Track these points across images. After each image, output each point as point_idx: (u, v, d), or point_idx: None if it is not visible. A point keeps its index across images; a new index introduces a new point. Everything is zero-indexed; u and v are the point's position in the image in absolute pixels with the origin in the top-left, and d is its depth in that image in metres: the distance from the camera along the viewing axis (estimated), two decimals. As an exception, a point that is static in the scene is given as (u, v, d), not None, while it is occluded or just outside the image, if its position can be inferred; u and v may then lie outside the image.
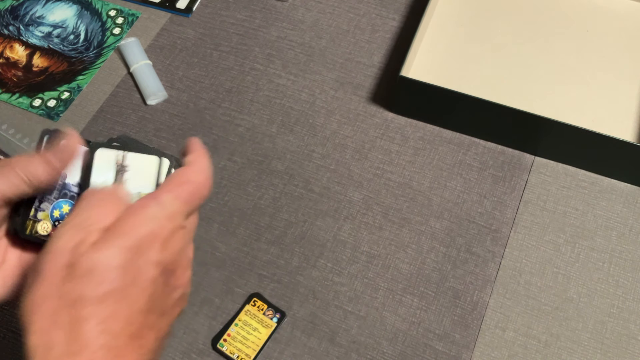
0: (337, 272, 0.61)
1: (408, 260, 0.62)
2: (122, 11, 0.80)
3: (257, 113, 0.71)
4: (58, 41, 0.78)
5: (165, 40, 0.77)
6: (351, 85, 0.73)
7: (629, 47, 0.73)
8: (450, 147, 0.68)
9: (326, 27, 0.78)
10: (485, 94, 0.66)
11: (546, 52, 0.73)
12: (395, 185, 0.66)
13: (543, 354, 0.57)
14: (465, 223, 0.63)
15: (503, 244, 0.62)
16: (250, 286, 0.61)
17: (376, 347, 0.57)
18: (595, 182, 0.65)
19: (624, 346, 0.57)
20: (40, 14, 0.80)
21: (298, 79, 0.74)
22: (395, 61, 0.74)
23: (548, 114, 0.62)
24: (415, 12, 0.78)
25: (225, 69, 0.75)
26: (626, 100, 0.69)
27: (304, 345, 0.58)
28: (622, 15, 0.76)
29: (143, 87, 0.73)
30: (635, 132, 0.67)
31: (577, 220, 0.63)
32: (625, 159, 0.62)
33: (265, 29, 0.78)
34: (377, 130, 0.70)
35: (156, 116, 0.72)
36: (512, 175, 0.66)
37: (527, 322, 0.58)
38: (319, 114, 0.71)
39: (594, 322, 0.58)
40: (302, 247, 0.63)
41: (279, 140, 0.69)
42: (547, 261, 0.61)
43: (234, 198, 0.66)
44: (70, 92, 0.74)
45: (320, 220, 0.64)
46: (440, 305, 0.59)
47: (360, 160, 0.68)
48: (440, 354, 0.57)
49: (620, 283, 0.60)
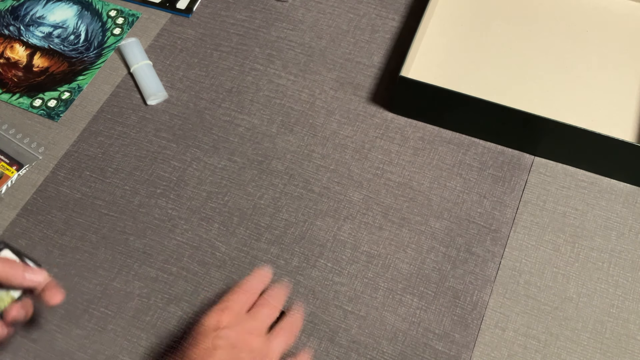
0: (337, 272, 0.61)
1: (408, 260, 0.62)
2: (123, 11, 0.80)
3: (257, 113, 0.72)
4: (58, 41, 0.78)
5: (166, 40, 0.78)
6: (351, 85, 0.73)
7: (629, 47, 0.73)
8: (450, 147, 0.68)
9: (326, 27, 0.78)
10: (485, 94, 0.66)
11: (546, 52, 0.73)
12: (395, 185, 0.66)
13: (543, 354, 0.57)
14: (465, 223, 0.63)
15: (503, 244, 0.62)
16: (250, 286, 0.61)
17: (376, 347, 0.58)
18: (595, 182, 0.66)
19: (624, 346, 0.57)
20: (40, 14, 0.80)
21: (298, 79, 0.74)
22: (395, 61, 0.74)
23: (548, 114, 0.62)
24: (415, 12, 0.78)
25: (225, 69, 0.75)
26: (626, 101, 0.69)
27: (304, 345, 0.58)
28: (622, 15, 0.76)
29: (143, 87, 0.73)
30: (635, 132, 0.67)
31: (576, 220, 0.63)
32: (625, 159, 0.62)
33: (265, 29, 0.78)
34: (377, 130, 0.70)
35: (156, 116, 0.72)
36: (511, 175, 0.66)
37: (527, 321, 0.58)
38: (319, 114, 0.71)
39: (593, 322, 0.58)
40: (302, 247, 0.63)
41: (279, 140, 0.69)
42: (546, 261, 0.61)
43: (234, 198, 0.66)
44: (70, 92, 0.74)
45: (320, 220, 0.64)
46: (440, 305, 0.59)
47: (360, 160, 0.68)
48: (440, 354, 0.57)
49: (620, 283, 0.60)
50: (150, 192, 0.67)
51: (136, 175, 0.68)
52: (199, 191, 0.66)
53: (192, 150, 0.69)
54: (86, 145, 0.70)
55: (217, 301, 0.52)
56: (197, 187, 0.67)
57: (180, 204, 0.66)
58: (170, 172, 0.68)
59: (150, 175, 0.68)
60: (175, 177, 0.68)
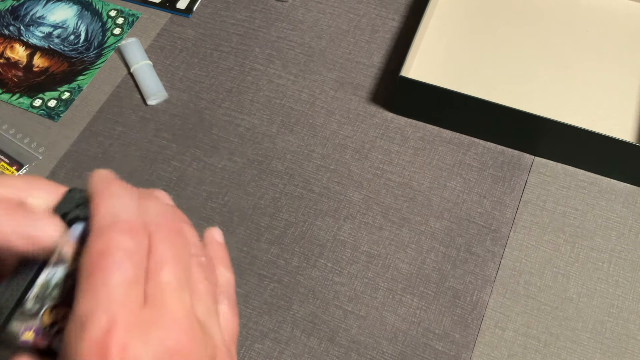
0: (337, 272, 0.61)
1: (408, 260, 0.62)
2: (123, 11, 0.80)
3: (257, 113, 0.72)
4: (58, 41, 0.78)
5: (166, 40, 0.78)
6: (351, 85, 0.73)
7: (628, 47, 0.73)
8: (450, 147, 0.68)
9: (326, 27, 0.78)
10: (485, 94, 0.66)
11: (546, 52, 0.73)
12: (395, 185, 0.66)
13: (543, 354, 0.57)
14: (465, 223, 0.63)
15: (503, 244, 0.62)
16: (250, 286, 0.61)
17: (376, 347, 0.58)
18: (595, 182, 0.66)
19: (624, 346, 0.57)
20: (40, 14, 0.80)
21: (298, 79, 0.74)
22: (395, 61, 0.74)
23: (548, 114, 0.62)
24: (415, 12, 0.78)
25: (225, 69, 0.75)
26: (626, 101, 0.69)
27: (304, 345, 0.58)
28: (622, 15, 0.76)
29: (143, 87, 0.73)
30: (635, 132, 0.67)
31: (576, 220, 0.63)
32: (625, 159, 0.62)
33: (265, 29, 0.78)
34: (377, 130, 0.70)
35: (156, 116, 0.72)
36: (511, 175, 0.66)
37: (527, 321, 0.58)
38: (319, 114, 0.71)
39: (593, 322, 0.58)
40: (302, 247, 0.63)
41: (279, 140, 0.69)
42: (546, 261, 0.61)
43: (234, 198, 0.66)
44: (70, 92, 0.74)
45: (320, 220, 0.64)
46: (440, 305, 0.59)
47: (360, 160, 0.68)
48: (440, 354, 0.57)
49: (620, 283, 0.60)
50: (150, 192, 0.66)
51: (136, 176, 0.68)
52: (199, 191, 0.66)
53: (192, 150, 0.69)
54: (86, 145, 0.70)
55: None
56: (197, 187, 0.67)
57: (180, 204, 0.66)
58: (170, 172, 0.68)
59: (150, 175, 0.68)
60: (175, 177, 0.68)
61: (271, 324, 0.59)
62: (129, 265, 0.25)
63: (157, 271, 0.26)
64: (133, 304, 0.25)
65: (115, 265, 0.25)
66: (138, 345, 0.24)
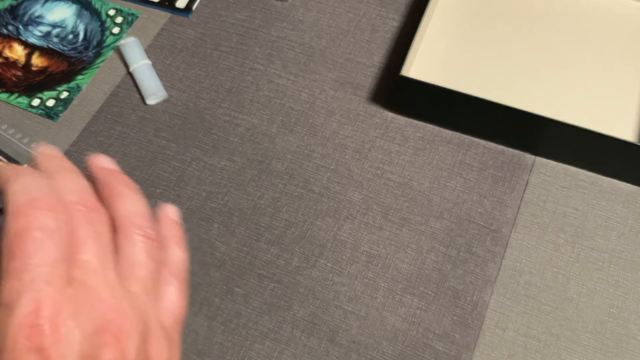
0: (337, 272, 0.61)
1: (408, 260, 0.62)
2: (122, 11, 0.80)
3: (257, 113, 0.71)
4: (57, 41, 0.78)
5: (165, 40, 0.77)
6: (351, 85, 0.73)
7: (629, 47, 0.73)
8: (450, 147, 0.68)
9: (326, 27, 0.78)
10: (485, 94, 0.66)
11: (546, 52, 0.73)
12: (395, 185, 0.66)
13: (543, 354, 0.57)
14: (465, 223, 0.63)
15: (503, 244, 0.62)
16: (250, 286, 0.61)
17: (376, 347, 0.57)
18: (595, 182, 0.65)
19: (624, 346, 0.57)
20: (39, 13, 0.80)
21: (298, 79, 0.74)
22: (395, 61, 0.74)
23: (548, 114, 0.62)
24: (415, 12, 0.78)
25: (225, 69, 0.75)
26: (626, 100, 0.69)
27: (304, 345, 0.58)
28: (622, 15, 0.76)
29: (143, 87, 0.72)
30: (635, 132, 0.67)
31: (577, 220, 0.63)
32: (625, 159, 0.62)
33: (265, 29, 0.78)
34: (377, 130, 0.70)
35: (156, 116, 0.72)
36: (512, 175, 0.66)
37: (527, 322, 0.58)
38: (319, 114, 0.71)
39: (594, 322, 0.58)
40: (302, 247, 0.63)
41: (279, 140, 0.69)
42: (547, 261, 0.61)
43: (234, 198, 0.66)
44: (69, 91, 0.74)
45: (320, 220, 0.64)
46: (440, 305, 0.59)
47: (360, 160, 0.68)
48: (440, 354, 0.57)
49: (620, 283, 0.60)
50: (150, 192, 0.66)
51: (136, 175, 0.68)
52: (199, 191, 0.66)
53: (192, 150, 0.69)
54: (85, 145, 0.70)
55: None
56: (197, 187, 0.67)
57: (180, 204, 0.66)
58: (170, 172, 0.68)
59: (150, 175, 0.68)
60: (175, 177, 0.67)
61: (271, 324, 0.59)
62: (50, 244, 0.25)
63: (77, 250, 0.26)
64: (58, 283, 0.24)
65: (35, 245, 0.24)
66: (69, 323, 0.23)
